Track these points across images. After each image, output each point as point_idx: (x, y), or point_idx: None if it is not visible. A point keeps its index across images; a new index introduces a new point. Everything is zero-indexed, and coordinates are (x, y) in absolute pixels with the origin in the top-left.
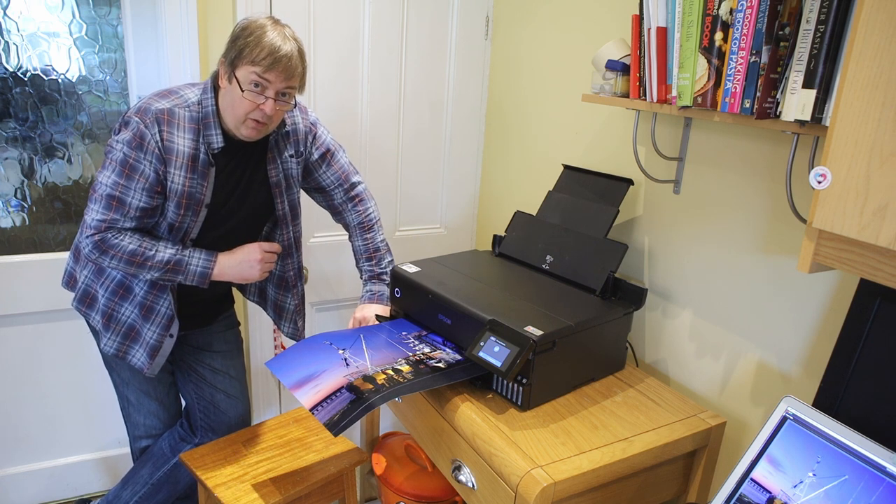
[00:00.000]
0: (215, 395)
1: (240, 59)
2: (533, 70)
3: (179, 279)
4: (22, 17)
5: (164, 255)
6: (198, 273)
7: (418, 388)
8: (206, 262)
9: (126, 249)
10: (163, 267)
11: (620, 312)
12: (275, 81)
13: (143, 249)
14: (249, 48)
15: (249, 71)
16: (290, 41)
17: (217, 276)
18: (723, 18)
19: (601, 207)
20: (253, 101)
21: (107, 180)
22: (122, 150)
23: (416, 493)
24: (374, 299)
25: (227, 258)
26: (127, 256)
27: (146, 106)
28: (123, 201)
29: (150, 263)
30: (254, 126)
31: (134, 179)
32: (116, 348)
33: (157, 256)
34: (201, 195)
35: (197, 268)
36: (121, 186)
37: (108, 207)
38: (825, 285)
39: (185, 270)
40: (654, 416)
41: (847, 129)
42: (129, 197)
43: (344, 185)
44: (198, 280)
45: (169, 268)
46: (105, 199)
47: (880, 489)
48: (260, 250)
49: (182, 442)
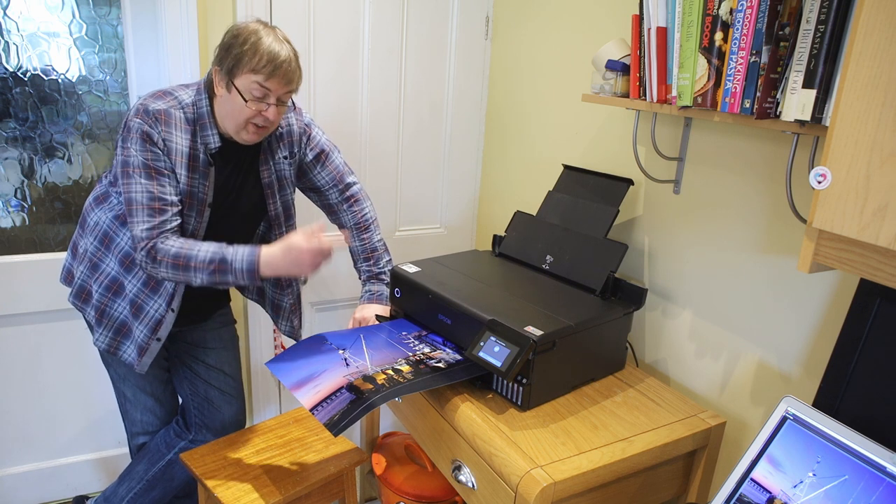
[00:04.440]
0: (210, 391)
1: (238, 68)
2: (533, 70)
3: (230, 280)
4: (22, 17)
5: (206, 254)
6: (245, 271)
7: (418, 388)
8: (250, 255)
9: (170, 254)
10: (206, 267)
11: (620, 312)
12: (276, 88)
13: (185, 251)
14: (248, 57)
15: (251, 80)
16: (285, 44)
17: (266, 269)
18: (723, 18)
19: (601, 207)
20: (256, 110)
21: (139, 188)
22: (139, 155)
23: (416, 493)
24: (373, 299)
25: (272, 258)
26: (171, 260)
27: (143, 107)
28: (165, 199)
29: (193, 264)
30: (255, 131)
31: (164, 176)
32: (108, 343)
33: (200, 256)
34: (204, 195)
35: (243, 264)
36: (154, 189)
37: (151, 214)
38: (825, 285)
39: (231, 269)
40: (654, 416)
41: (847, 129)
42: (167, 195)
43: (339, 186)
44: (248, 278)
45: (213, 268)
46: (146, 206)
47: (880, 489)
48: (309, 254)
49: (177, 438)
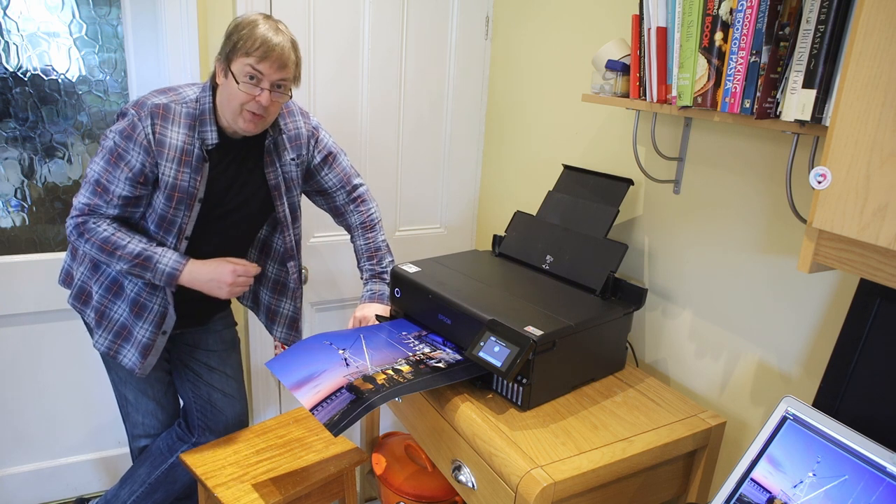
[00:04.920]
0: (212, 393)
1: (234, 52)
2: (533, 70)
3: (148, 276)
4: (22, 17)
5: (136, 248)
6: (166, 273)
7: (418, 388)
8: (176, 263)
9: (100, 236)
10: (132, 259)
11: (620, 312)
12: (269, 72)
13: (116, 238)
14: (243, 41)
15: (244, 63)
16: (282, 33)
17: (186, 282)
18: (723, 18)
19: (601, 207)
20: (248, 93)
21: (96, 167)
22: (113, 139)
23: (416, 493)
24: (374, 298)
25: (199, 267)
26: (99, 243)
27: (144, 100)
28: (107, 188)
29: (119, 253)
30: (251, 119)
31: (119, 168)
32: (107, 346)
33: (129, 248)
34: (194, 189)
35: (166, 267)
36: (107, 173)
37: (93, 193)
38: (825, 285)
39: (153, 268)
40: (654, 416)
41: (847, 129)
42: (112, 185)
43: (346, 188)
44: (165, 280)
45: (138, 262)
46: (92, 184)
47: (880, 489)
48: (232, 273)
49: (179, 441)
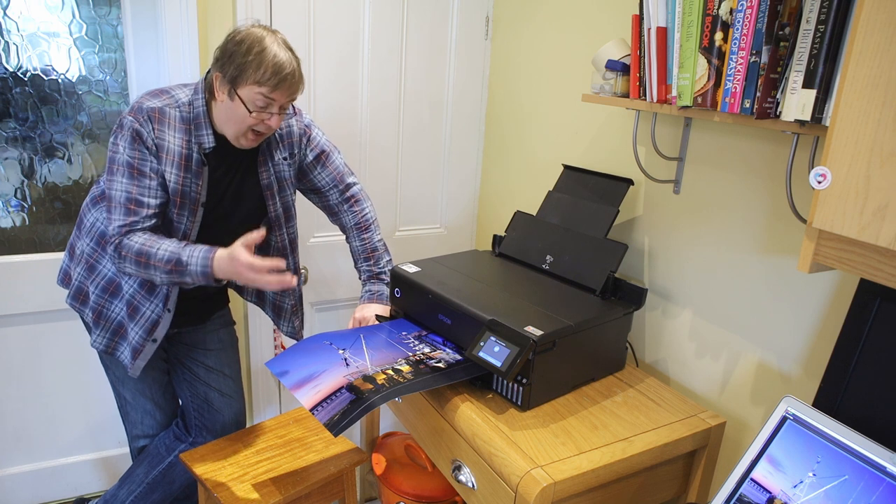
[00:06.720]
0: (209, 393)
1: (242, 78)
2: (533, 70)
3: (188, 280)
4: (22, 17)
5: (165, 253)
6: (199, 274)
7: (418, 388)
8: (204, 257)
9: (133, 249)
10: (164, 266)
11: (620, 312)
12: (280, 99)
13: (146, 248)
14: (252, 69)
15: (255, 92)
16: (288, 53)
17: (220, 272)
18: (723, 18)
19: (601, 207)
20: (259, 119)
21: (119, 186)
22: (125, 153)
23: (416, 493)
24: (373, 299)
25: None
26: (134, 256)
27: (139, 105)
28: (141, 202)
29: (153, 262)
30: (254, 138)
31: (146, 177)
32: (105, 344)
33: (159, 254)
34: (196, 194)
35: (197, 268)
36: (136, 188)
37: (126, 213)
38: (825, 285)
39: (187, 271)
40: (654, 416)
41: (847, 129)
42: (145, 197)
43: (339, 186)
44: (203, 281)
45: (171, 268)
46: (123, 204)
47: (880, 489)
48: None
49: (177, 441)
